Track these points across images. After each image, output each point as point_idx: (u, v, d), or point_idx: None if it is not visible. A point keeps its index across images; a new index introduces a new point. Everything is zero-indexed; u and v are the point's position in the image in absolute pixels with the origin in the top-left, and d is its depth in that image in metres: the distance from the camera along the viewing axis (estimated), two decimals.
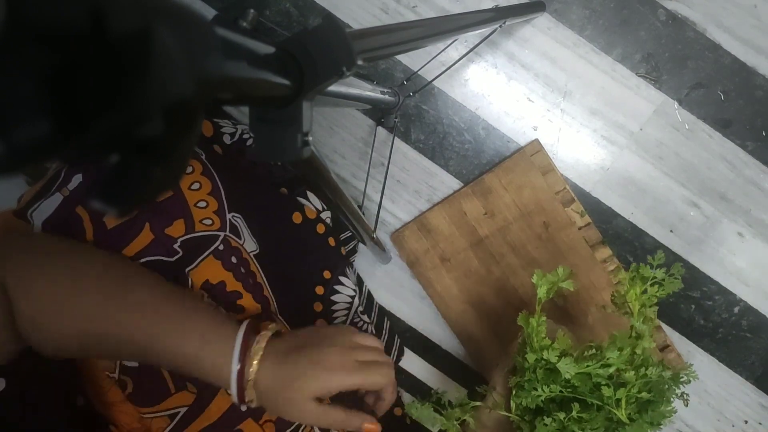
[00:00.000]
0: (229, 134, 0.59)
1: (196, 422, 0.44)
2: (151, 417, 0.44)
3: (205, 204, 0.46)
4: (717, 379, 0.76)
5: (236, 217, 0.50)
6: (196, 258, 0.45)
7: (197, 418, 0.45)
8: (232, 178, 0.50)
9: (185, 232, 0.44)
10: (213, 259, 0.46)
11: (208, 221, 0.46)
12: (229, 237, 0.48)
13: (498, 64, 0.74)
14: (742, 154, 0.72)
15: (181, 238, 0.44)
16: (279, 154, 0.33)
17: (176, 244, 0.43)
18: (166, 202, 0.44)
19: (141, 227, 0.42)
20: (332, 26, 0.30)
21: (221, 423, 0.45)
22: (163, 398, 0.44)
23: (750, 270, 0.74)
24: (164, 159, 0.18)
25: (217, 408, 0.46)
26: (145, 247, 0.42)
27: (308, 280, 0.60)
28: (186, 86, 0.18)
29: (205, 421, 0.45)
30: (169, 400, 0.44)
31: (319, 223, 0.61)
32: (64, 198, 0.42)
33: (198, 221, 0.45)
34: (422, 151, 0.77)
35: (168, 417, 0.44)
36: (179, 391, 0.45)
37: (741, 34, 0.70)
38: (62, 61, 0.13)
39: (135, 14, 0.15)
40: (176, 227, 0.44)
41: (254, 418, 0.47)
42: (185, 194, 0.45)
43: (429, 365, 0.81)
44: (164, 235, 0.43)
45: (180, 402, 0.44)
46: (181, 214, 0.44)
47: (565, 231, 0.74)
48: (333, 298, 0.63)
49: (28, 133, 0.12)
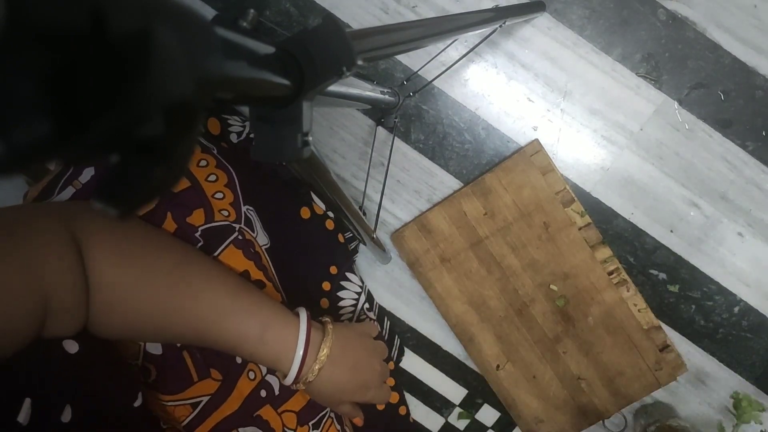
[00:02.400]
0: (236, 133, 0.59)
1: (218, 411, 0.45)
2: (174, 405, 0.44)
3: (222, 195, 0.47)
4: (717, 380, 0.76)
5: (250, 209, 0.50)
6: (218, 247, 0.45)
7: (219, 407, 0.45)
8: (245, 172, 0.50)
9: (205, 221, 0.44)
10: (234, 248, 0.46)
11: (225, 212, 0.46)
12: (243, 229, 0.48)
13: (498, 64, 0.74)
14: (742, 154, 0.72)
15: (201, 227, 0.44)
16: (279, 154, 0.33)
17: (197, 233, 0.44)
18: (184, 192, 0.44)
19: (163, 217, 0.42)
20: (332, 26, 0.30)
21: (241, 410, 0.46)
22: (186, 386, 0.44)
23: (750, 270, 0.74)
24: (164, 159, 0.18)
25: (239, 395, 0.46)
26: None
27: (315, 275, 0.60)
28: (186, 86, 0.18)
29: (227, 409, 0.45)
30: (192, 389, 0.44)
31: (327, 219, 0.61)
32: (76, 191, 0.41)
33: (217, 211, 0.45)
34: (422, 151, 0.77)
35: (190, 406, 0.44)
36: (202, 379, 0.45)
37: (741, 34, 0.70)
38: (62, 61, 0.13)
39: (135, 14, 0.15)
40: (196, 216, 0.44)
41: (273, 406, 0.48)
42: (203, 185, 0.45)
43: (429, 365, 0.81)
44: (186, 224, 0.43)
45: (203, 391, 0.45)
46: (200, 204, 0.44)
47: (565, 231, 0.74)
48: (339, 294, 0.63)
49: (28, 133, 0.12)
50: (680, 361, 0.74)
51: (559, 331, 0.75)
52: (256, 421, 0.47)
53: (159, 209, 0.42)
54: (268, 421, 0.47)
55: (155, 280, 0.38)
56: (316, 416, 0.52)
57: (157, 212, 0.42)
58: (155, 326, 0.39)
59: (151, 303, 0.38)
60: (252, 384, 0.47)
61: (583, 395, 0.76)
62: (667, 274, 0.75)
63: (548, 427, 0.78)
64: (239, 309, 0.41)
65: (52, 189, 0.42)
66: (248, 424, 0.46)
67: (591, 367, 0.75)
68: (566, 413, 0.77)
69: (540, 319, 0.75)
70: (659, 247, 0.74)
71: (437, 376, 0.81)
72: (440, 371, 0.81)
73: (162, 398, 0.44)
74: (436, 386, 0.81)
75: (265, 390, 0.48)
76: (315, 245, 0.60)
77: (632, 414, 0.78)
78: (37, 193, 0.42)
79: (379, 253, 0.73)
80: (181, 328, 0.40)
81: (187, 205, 0.44)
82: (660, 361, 0.74)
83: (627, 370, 0.75)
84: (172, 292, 0.39)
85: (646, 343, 0.74)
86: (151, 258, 0.38)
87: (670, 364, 0.74)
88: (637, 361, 0.74)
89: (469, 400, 0.81)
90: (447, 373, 0.81)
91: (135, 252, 0.38)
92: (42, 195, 0.42)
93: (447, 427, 0.81)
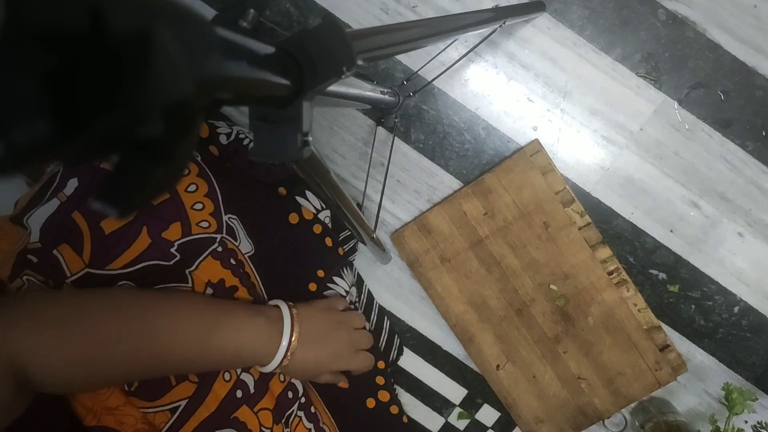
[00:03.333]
0: (225, 134, 0.59)
1: (196, 414, 0.45)
2: (153, 412, 0.44)
3: (202, 206, 0.46)
4: (717, 380, 0.76)
5: (232, 218, 0.50)
6: (195, 260, 0.45)
7: (197, 409, 0.45)
8: (229, 179, 0.50)
9: (182, 236, 0.44)
10: (212, 259, 0.46)
11: (204, 224, 0.46)
12: (225, 239, 0.48)
13: (498, 64, 0.74)
14: (742, 153, 0.72)
15: (177, 241, 0.44)
16: (279, 154, 0.33)
17: (173, 248, 0.43)
18: (162, 205, 0.44)
19: (138, 231, 0.42)
20: (332, 26, 0.30)
21: (219, 412, 0.46)
22: (165, 392, 0.44)
23: (750, 270, 0.74)
24: (164, 159, 0.18)
25: (215, 397, 0.46)
26: (142, 251, 0.42)
27: (301, 279, 0.60)
28: (186, 86, 0.18)
29: (204, 411, 0.45)
30: (171, 393, 0.44)
31: (315, 224, 0.61)
32: (61, 203, 0.41)
33: (194, 224, 0.45)
34: (422, 151, 0.77)
35: (169, 411, 0.44)
36: (180, 382, 0.45)
37: (741, 34, 0.70)
38: (62, 61, 0.13)
39: (135, 14, 0.15)
40: (173, 230, 0.44)
41: (249, 405, 0.48)
42: (182, 196, 0.45)
43: (429, 365, 0.81)
44: (161, 239, 0.43)
45: (181, 395, 0.45)
46: (177, 217, 0.44)
47: (565, 231, 0.74)
48: (325, 294, 0.63)
49: (28, 133, 0.12)
50: (680, 361, 0.74)
51: (559, 331, 0.75)
52: (233, 423, 0.47)
53: (135, 223, 0.42)
54: (245, 423, 0.47)
55: (102, 348, 0.39)
56: (286, 413, 0.53)
57: (133, 226, 0.42)
58: (124, 376, 0.42)
59: (113, 366, 0.40)
60: (228, 385, 0.47)
61: (583, 395, 0.76)
62: (667, 274, 0.75)
63: (548, 426, 0.78)
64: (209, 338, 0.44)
65: (40, 198, 0.42)
66: (225, 426, 0.46)
67: (591, 367, 0.75)
68: (566, 413, 0.77)
69: (540, 319, 0.75)
70: (659, 246, 0.74)
71: (437, 375, 0.81)
72: (440, 371, 0.81)
73: (143, 405, 0.44)
74: (435, 386, 0.81)
75: (240, 390, 0.48)
76: (303, 250, 0.60)
77: (630, 412, 0.78)
78: (26, 202, 0.43)
79: (379, 253, 0.73)
80: (154, 372, 0.43)
81: (164, 219, 0.44)
82: (660, 361, 0.74)
83: (627, 370, 0.75)
84: (134, 349, 0.40)
85: (646, 343, 0.74)
86: (91, 331, 0.39)
87: (670, 364, 0.74)
88: (637, 361, 0.74)
89: (469, 400, 0.81)
90: (447, 373, 0.81)
91: (70, 332, 0.38)
92: (31, 204, 0.42)
93: (447, 427, 0.81)
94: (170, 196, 0.45)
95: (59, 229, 0.41)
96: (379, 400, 0.64)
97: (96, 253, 0.41)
